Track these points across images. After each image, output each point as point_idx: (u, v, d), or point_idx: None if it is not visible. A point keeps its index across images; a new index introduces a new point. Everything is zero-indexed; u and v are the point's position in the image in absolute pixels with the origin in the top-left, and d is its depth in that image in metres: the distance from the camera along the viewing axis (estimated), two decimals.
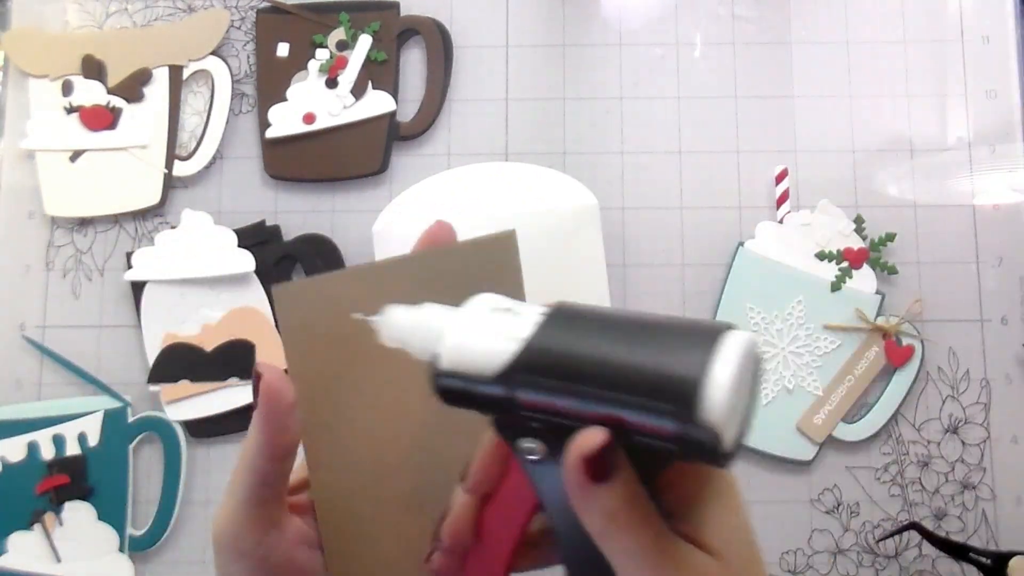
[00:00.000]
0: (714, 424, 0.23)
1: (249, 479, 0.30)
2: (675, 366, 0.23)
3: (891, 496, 0.63)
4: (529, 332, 0.26)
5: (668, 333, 0.25)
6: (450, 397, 0.27)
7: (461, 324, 0.27)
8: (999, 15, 0.68)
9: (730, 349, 0.24)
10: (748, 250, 0.65)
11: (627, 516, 0.25)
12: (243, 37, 0.69)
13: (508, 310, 0.27)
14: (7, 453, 0.63)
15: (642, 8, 0.69)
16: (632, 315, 0.26)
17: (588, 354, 0.25)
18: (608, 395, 0.24)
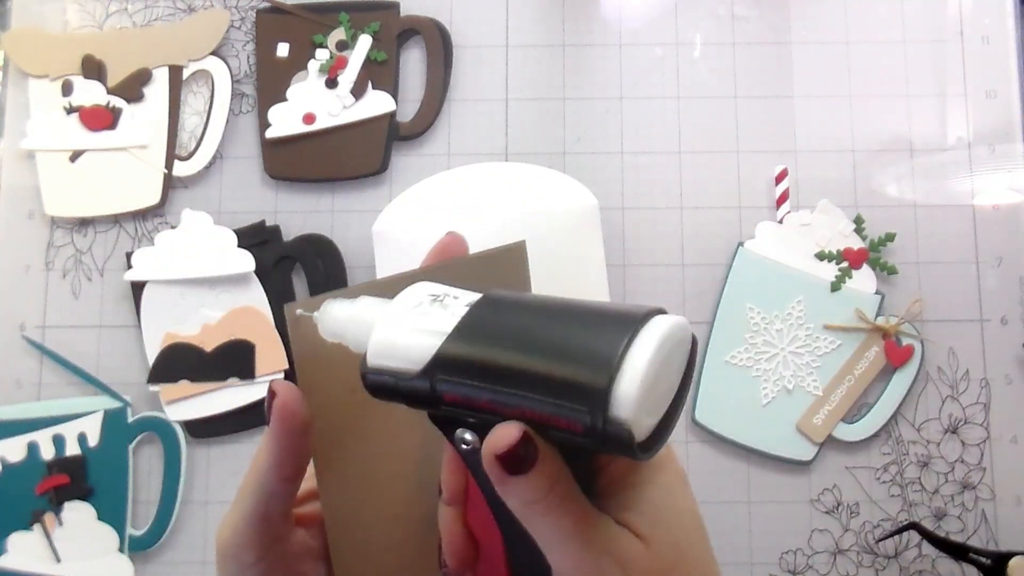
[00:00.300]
0: (624, 420, 0.23)
1: (258, 494, 0.30)
2: (584, 362, 0.23)
3: (891, 496, 0.63)
4: (451, 327, 0.25)
5: (587, 324, 0.24)
6: (379, 392, 0.27)
7: (388, 319, 0.27)
8: (999, 15, 0.68)
9: (646, 340, 0.23)
10: (748, 250, 0.65)
11: (546, 504, 0.25)
12: (243, 37, 0.69)
13: (439, 300, 0.27)
14: (7, 453, 0.63)
15: (642, 8, 0.69)
16: (558, 305, 0.26)
17: (502, 351, 0.24)
18: (520, 393, 0.24)
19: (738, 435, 0.63)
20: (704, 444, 0.64)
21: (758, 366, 0.64)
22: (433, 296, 0.27)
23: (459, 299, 0.27)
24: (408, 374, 0.26)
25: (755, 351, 0.64)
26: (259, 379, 0.63)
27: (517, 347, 0.24)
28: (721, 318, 0.64)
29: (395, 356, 0.26)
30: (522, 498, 0.25)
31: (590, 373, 0.23)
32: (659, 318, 0.24)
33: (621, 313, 0.24)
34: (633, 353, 0.23)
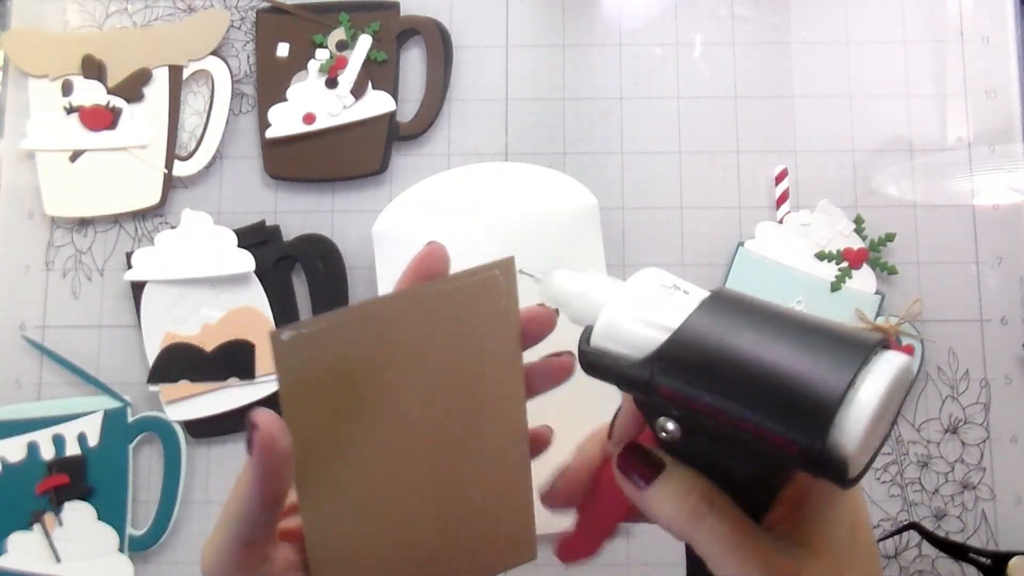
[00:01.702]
0: (845, 451, 0.22)
1: (241, 520, 0.30)
2: (814, 384, 0.23)
3: (891, 496, 0.63)
4: (678, 323, 0.26)
5: (818, 345, 0.24)
6: (592, 370, 0.28)
7: (617, 303, 0.27)
8: (999, 15, 0.68)
9: (880, 375, 0.23)
10: (748, 250, 0.65)
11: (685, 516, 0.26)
12: (243, 37, 0.69)
13: (669, 289, 0.27)
14: (7, 453, 0.63)
15: (642, 8, 0.69)
16: (787, 316, 0.26)
17: (729, 358, 0.24)
18: (740, 403, 0.24)
19: None
20: None
21: None
22: (663, 286, 0.28)
23: (689, 294, 0.27)
24: (629, 360, 0.26)
25: None
26: (259, 379, 0.63)
27: (744, 357, 0.24)
28: None
29: (619, 341, 0.27)
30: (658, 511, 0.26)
31: (820, 397, 0.22)
32: (890, 354, 0.24)
33: (851, 338, 0.24)
34: (866, 385, 0.22)
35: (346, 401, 0.31)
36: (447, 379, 0.33)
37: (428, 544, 0.34)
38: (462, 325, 0.33)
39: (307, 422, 0.31)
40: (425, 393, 0.33)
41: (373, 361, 0.31)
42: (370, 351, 0.31)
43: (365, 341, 0.31)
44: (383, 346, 0.31)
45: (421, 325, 0.32)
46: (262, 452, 0.29)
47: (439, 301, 0.32)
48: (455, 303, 0.33)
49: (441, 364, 0.33)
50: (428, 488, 0.33)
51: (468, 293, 0.33)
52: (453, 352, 0.33)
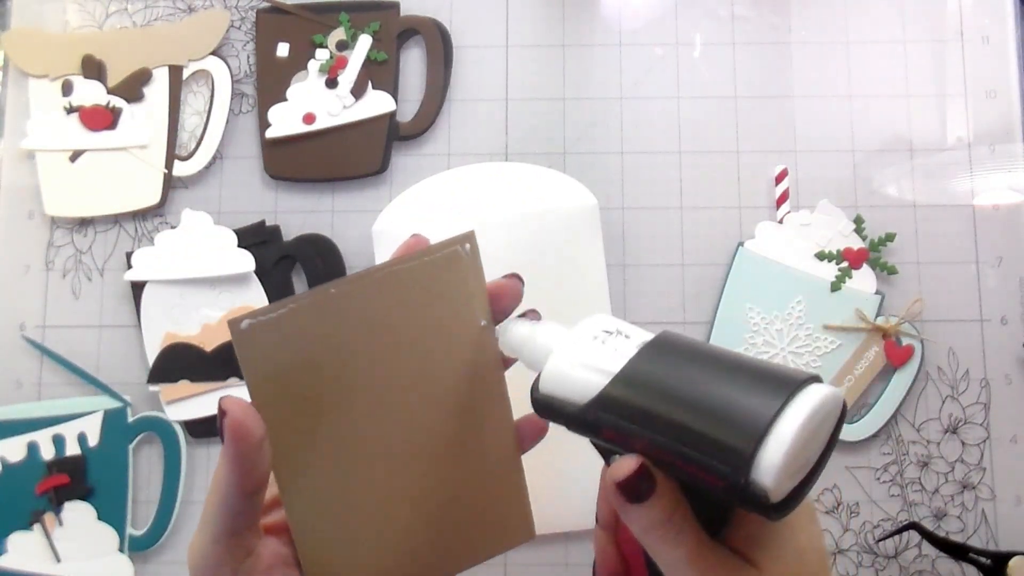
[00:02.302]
0: (764, 485, 0.24)
1: (222, 512, 0.30)
2: (734, 424, 0.25)
3: (891, 496, 0.63)
4: (618, 367, 0.28)
5: (743, 385, 0.26)
6: (544, 413, 0.30)
7: (562, 350, 0.29)
8: (999, 15, 0.68)
9: (797, 410, 0.24)
10: (748, 250, 0.65)
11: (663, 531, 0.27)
12: (243, 37, 0.69)
13: (611, 336, 0.29)
14: (7, 453, 0.63)
15: (642, 8, 0.69)
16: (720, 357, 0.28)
17: (660, 402, 0.26)
18: (671, 442, 0.26)
19: None
20: None
21: None
22: (607, 332, 0.29)
23: (630, 339, 0.29)
24: (574, 405, 0.28)
25: (755, 351, 0.64)
26: None
27: (674, 399, 0.26)
28: (721, 318, 0.64)
29: (564, 387, 0.29)
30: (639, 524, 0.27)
31: (738, 437, 0.25)
32: (813, 388, 0.26)
33: (778, 377, 0.26)
34: (782, 422, 0.24)
35: (317, 386, 0.31)
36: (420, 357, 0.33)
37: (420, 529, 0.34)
38: (429, 301, 0.33)
39: (279, 409, 0.30)
40: (399, 373, 0.32)
41: (340, 343, 0.31)
42: (336, 333, 0.31)
43: (329, 324, 0.31)
44: (349, 328, 0.31)
45: (387, 304, 0.32)
46: (233, 438, 0.29)
47: (403, 279, 0.32)
48: (419, 280, 0.32)
49: (412, 342, 0.32)
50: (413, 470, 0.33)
51: (432, 269, 0.33)
52: (423, 329, 0.32)
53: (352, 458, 0.32)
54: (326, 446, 0.32)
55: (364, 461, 0.32)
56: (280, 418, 0.31)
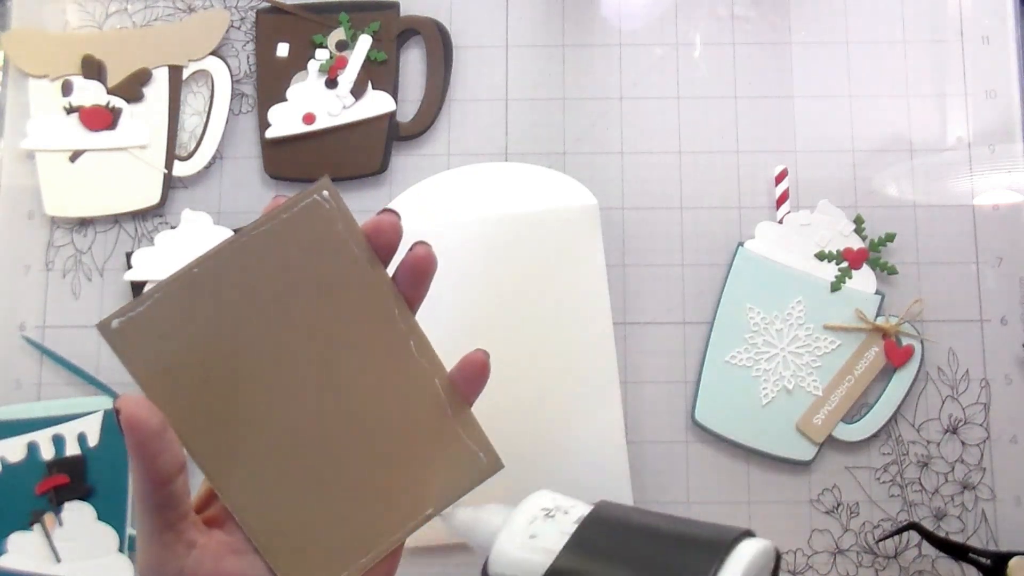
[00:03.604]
0: None
1: (146, 509, 0.30)
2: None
3: (891, 496, 0.63)
4: (560, 546, 0.29)
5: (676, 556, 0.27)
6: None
7: (506, 533, 0.30)
8: (999, 15, 0.68)
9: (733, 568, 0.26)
10: (748, 250, 0.65)
11: None
12: (243, 37, 0.69)
13: (551, 515, 0.30)
14: (7, 453, 0.63)
15: (642, 8, 0.69)
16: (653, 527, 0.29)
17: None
18: None
19: (738, 435, 0.63)
20: (704, 444, 0.64)
21: (758, 366, 0.64)
22: (546, 510, 0.30)
23: (568, 514, 0.30)
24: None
25: (755, 351, 0.64)
26: None
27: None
28: (721, 318, 0.64)
29: (512, 568, 0.29)
30: None
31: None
32: (742, 547, 0.27)
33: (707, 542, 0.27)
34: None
35: (211, 368, 0.30)
36: (309, 315, 0.32)
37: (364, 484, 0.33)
38: (301, 257, 0.32)
39: (178, 400, 0.30)
40: (291, 336, 0.31)
41: (220, 320, 0.30)
42: (213, 311, 0.30)
43: (203, 303, 0.30)
44: (225, 302, 0.30)
45: (258, 270, 0.31)
46: (129, 429, 0.29)
47: (267, 241, 0.31)
48: (285, 238, 0.31)
49: (295, 302, 0.31)
50: (336, 429, 0.32)
51: (293, 225, 0.32)
52: (303, 287, 0.32)
53: (271, 429, 0.31)
54: (241, 425, 0.31)
55: (284, 431, 0.32)
56: (183, 408, 0.30)
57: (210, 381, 0.30)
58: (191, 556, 0.30)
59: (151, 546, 0.30)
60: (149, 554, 0.30)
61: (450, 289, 0.60)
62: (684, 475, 0.64)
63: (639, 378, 0.64)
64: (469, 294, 0.61)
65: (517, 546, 0.30)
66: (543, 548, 0.29)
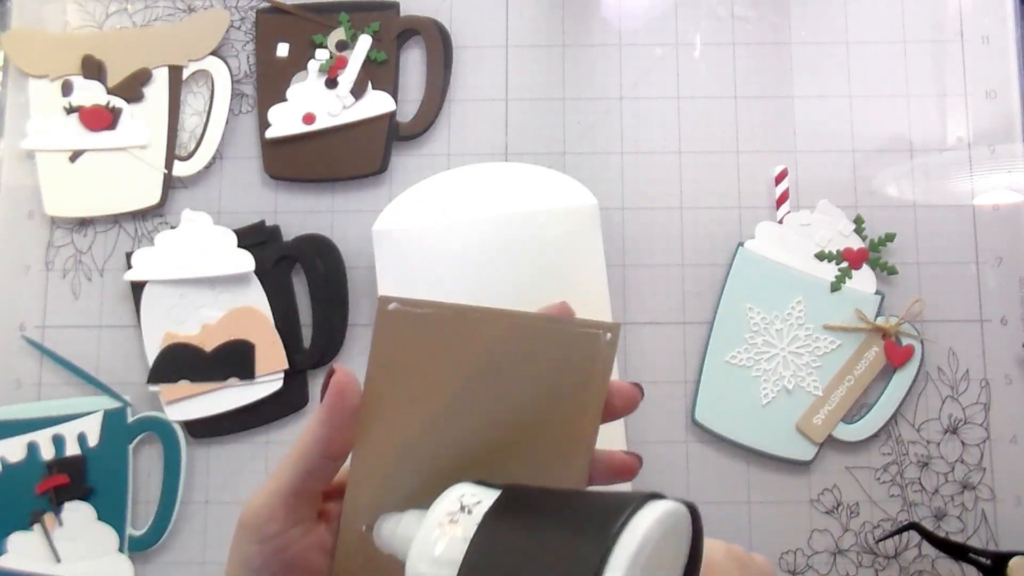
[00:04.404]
0: None
1: (297, 468, 0.31)
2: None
3: (891, 496, 0.63)
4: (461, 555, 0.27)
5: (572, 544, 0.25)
6: None
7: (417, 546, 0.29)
8: (999, 15, 0.68)
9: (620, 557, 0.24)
10: (748, 250, 0.65)
11: None
12: (243, 37, 0.69)
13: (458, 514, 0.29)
14: (7, 453, 0.63)
15: (642, 8, 0.69)
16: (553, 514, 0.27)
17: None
18: None
19: (738, 435, 0.63)
20: (704, 444, 0.64)
21: (758, 366, 0.64)
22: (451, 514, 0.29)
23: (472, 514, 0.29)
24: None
25: (755, 351, 0.64)
26: (259, 379, 0.63)
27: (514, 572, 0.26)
28: (721, 318, 0.64)
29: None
30: None
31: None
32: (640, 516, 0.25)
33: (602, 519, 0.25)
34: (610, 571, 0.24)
35: (421, 387, 0.32)
36: (520, 410, 0.33)
37: None
38: (552, 367, 0.33)
39: (381, 393, 0.31)
40: (495, 413, 0.33)
41: (460, 361, 0.32)
42: (460, 351, 0.32)
43: (457, 340, 0.32)
44: (471, 351, 0.32)
45: (513, 348, 0.32)
46: (333, 395, 0.30)
47: (538, 334, 0.32)
48: (553, 344, 0.33)
49: (518, 392, 0.33)
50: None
51: (568, 339, 0.33)
52: (535, 387, 0.33)
53: (421, 463, 0.32)
54: (405, 442, 0.32)
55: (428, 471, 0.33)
56: (378, 399, 0.31)
57: (411, 394, 0.32)
58: (297, 528, 0.31)
59: (274, 497, 0.31)
60: (266, 504, 0.31)
61: (450, 289, 0.60)
62: (684, 475, 0.64)
63: (639, 378, 0.64)
64: (469, 294, 0.61)
65: (426, 562, 0.28)
66: (447, 560, 0.28)
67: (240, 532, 0.31)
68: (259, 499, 0.31)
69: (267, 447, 0.65)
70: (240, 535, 0.31)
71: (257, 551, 0.31)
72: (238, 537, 0.31)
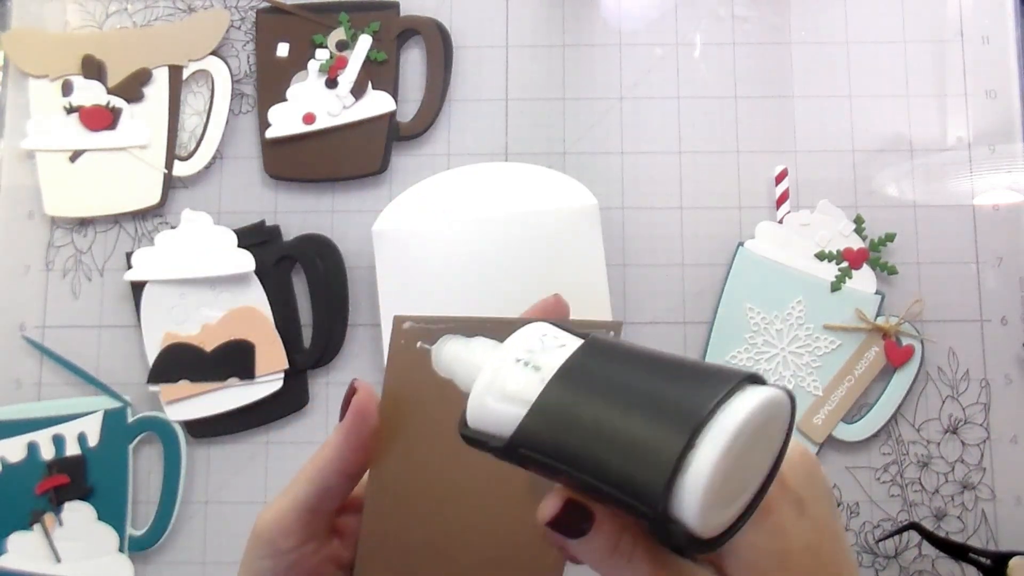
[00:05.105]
0: (690, 525, 0.22)
1: (314, 483, 0.30)
2: (648, 458, 0.22)
3: (891, 496, 0.63)
4: (536, 393, 0.25)
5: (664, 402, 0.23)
6: (474, 447, 0.27)
7: (486, 376, 0.27)
8: (999, 15, 0.68)
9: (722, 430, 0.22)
10: (748, 250, 0.65)
11: (613, 561, 0.25)
12: (243, 37, 0.69)
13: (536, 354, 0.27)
14: (7, 453, 0.63)
15: (642, 8, 0.69)
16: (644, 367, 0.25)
17: (577, 436, 0.24)
18: (591, 482, 0.24)
19: None
20: None
21: (758, 366, 0.64)
22: (530, 351, 0.27)
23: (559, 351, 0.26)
24: (499, 440, 0.26)
25: (755, 351, 0.64)
26: (259, 379, 0.63)
27: (588, 432, 0.24)
28: (721, 318, 0.64)
29: (487, 421, 0.26)
30: (586, 559, 0.26)
31: (649, 471, 0.22)
32: (746, 395, 0.22)
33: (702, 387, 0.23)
34: (704, 447, 0.21)
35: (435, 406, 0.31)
36: None
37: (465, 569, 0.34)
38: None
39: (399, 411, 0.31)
40: None
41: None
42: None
43: None
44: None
45: None
46: (355, 414, 0.30)
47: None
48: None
49: None
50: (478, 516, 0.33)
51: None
52: None
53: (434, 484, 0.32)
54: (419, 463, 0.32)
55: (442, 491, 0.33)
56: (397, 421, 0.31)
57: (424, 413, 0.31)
58: (311, 544, 0.31)
59: (289, 512, 0.30)
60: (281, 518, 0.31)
61: (450, 288, 0.60)
62: None
63: None
64: (469, 294, 0.61)
65: (494, 396, 0.26)
66: (519, 399, 0.25)
67: (253, 546, 0.31)
68: (273, 513, 0.31)
69: (267, 447, 0.65)
70: (253, 549, 0.31)
71: (270, 566, 0.30)
72: (251, 551, 0.31)
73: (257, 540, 0.31)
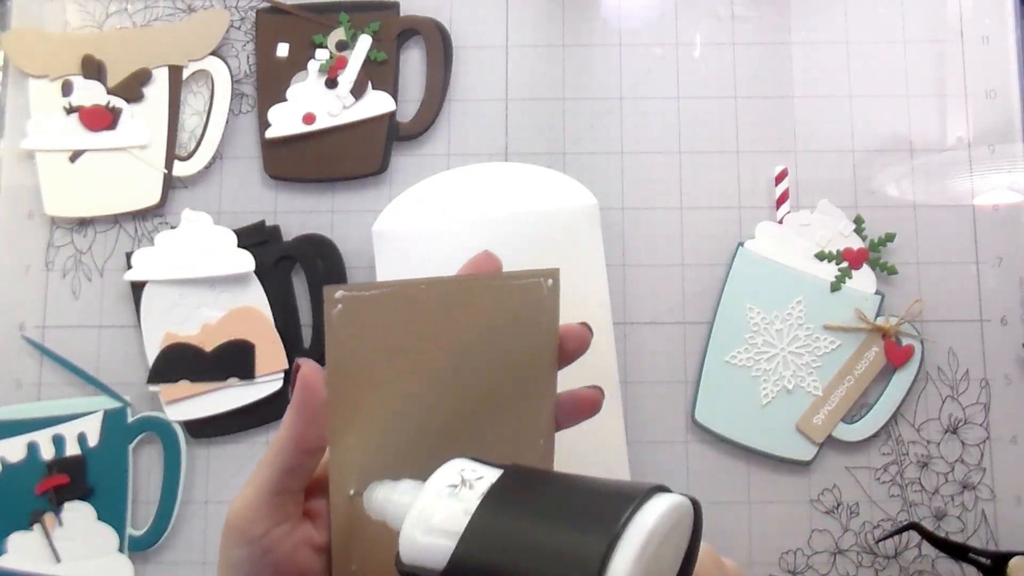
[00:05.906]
0: None
1: (276, 466, 0.31)
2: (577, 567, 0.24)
3: (891, 496, 0.63)
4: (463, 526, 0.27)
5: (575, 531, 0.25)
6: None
7: (414, 514, 0.28)
8: (999, 15, 0.68)
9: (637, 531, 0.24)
10: (748, 250, 0.65)
11: None
12: (243, 37, 0.69)
13: (459, 487, 0.28)
14: (7, 453, 0.63)
15: (642, 8, 0.69)
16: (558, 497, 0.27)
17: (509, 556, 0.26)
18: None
19: (738, 435, 0.63)
20: (704, 444, 0.64)
21: (758, 366, 0.64)
22: (453, 486, 0.28)
23: (474, 488, 0.28)
24: (432, 572, 0.27)
25: (755, 351, 0.64)
26: (259, 379, 0.63)
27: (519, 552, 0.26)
28: (721, 318, 0.64)
29: (419, 556, 0.27)
30: None
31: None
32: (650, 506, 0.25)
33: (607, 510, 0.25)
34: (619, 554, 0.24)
35: (382, 365, 0.32)
36: (481, 370, 0.33)
37: None
38: (503, 322, 0.33)
39: (345, 381, 0.31)
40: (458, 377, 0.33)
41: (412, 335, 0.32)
42: (410, 326, 0.32)
43: (408, 315, 0.32)
44: (423, 323, 0.32)
45: (462, 312, 0.33)
46: (301, 391, 0.30)
47: (484, 295, 0.33)
48: (499, 300, 0.33)
49: (475, 354, 0.33)
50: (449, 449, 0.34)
51: (513, 293, 0.33)
52: (491, 345, 0.33)
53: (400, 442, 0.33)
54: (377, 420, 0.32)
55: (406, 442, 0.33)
56: (344, 388, 0.32)
57: (373, 376, 0.32)
58: (280, 528, 0.31)
59: (256, 499, 0.31)
60: (248, 506, 0.31)
61: None
62: (684, 475, 0.64)
63: (639, 378, 0.64)
64: None
65: (423, 531, 0.27)
66: (447, 530, 0.27)
67: (226, 536, 0.31)
68: (241, 501, 0.31)
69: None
70: (226, 539, 0.31)
71: (246, 554, 0.30)
72: (225, 542, 0.31)
73: (229, 531, 0.31)
